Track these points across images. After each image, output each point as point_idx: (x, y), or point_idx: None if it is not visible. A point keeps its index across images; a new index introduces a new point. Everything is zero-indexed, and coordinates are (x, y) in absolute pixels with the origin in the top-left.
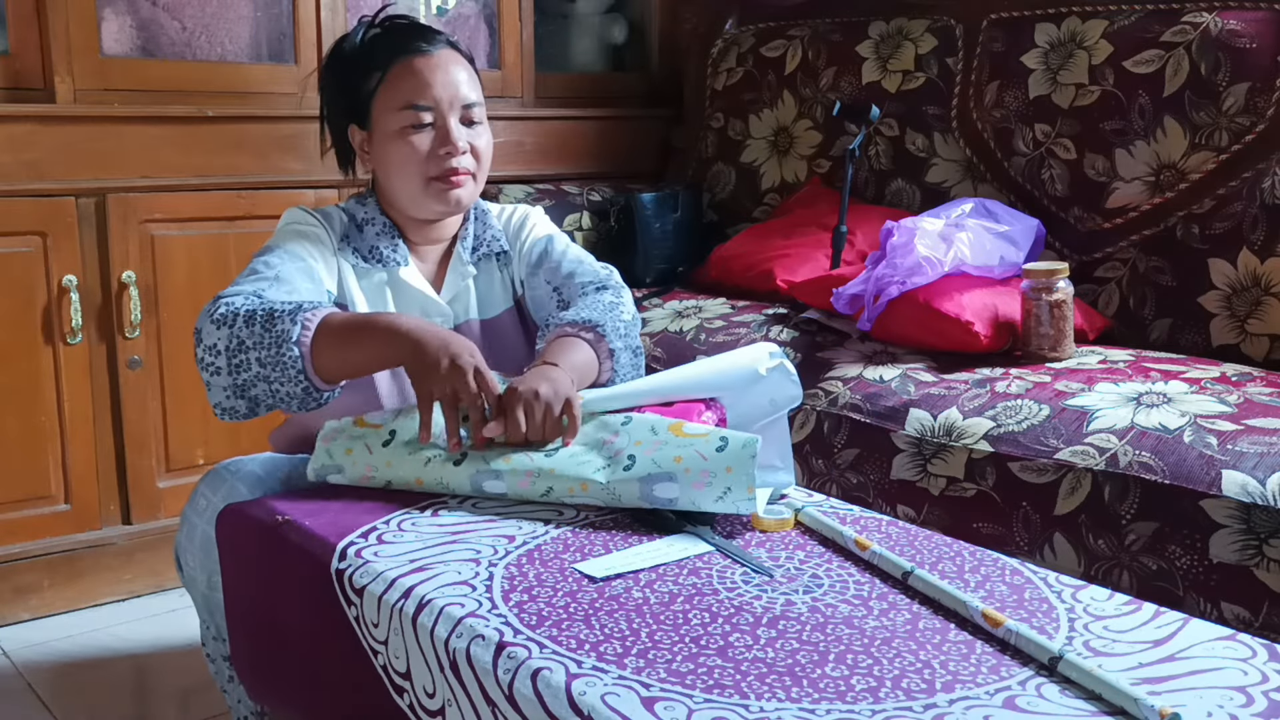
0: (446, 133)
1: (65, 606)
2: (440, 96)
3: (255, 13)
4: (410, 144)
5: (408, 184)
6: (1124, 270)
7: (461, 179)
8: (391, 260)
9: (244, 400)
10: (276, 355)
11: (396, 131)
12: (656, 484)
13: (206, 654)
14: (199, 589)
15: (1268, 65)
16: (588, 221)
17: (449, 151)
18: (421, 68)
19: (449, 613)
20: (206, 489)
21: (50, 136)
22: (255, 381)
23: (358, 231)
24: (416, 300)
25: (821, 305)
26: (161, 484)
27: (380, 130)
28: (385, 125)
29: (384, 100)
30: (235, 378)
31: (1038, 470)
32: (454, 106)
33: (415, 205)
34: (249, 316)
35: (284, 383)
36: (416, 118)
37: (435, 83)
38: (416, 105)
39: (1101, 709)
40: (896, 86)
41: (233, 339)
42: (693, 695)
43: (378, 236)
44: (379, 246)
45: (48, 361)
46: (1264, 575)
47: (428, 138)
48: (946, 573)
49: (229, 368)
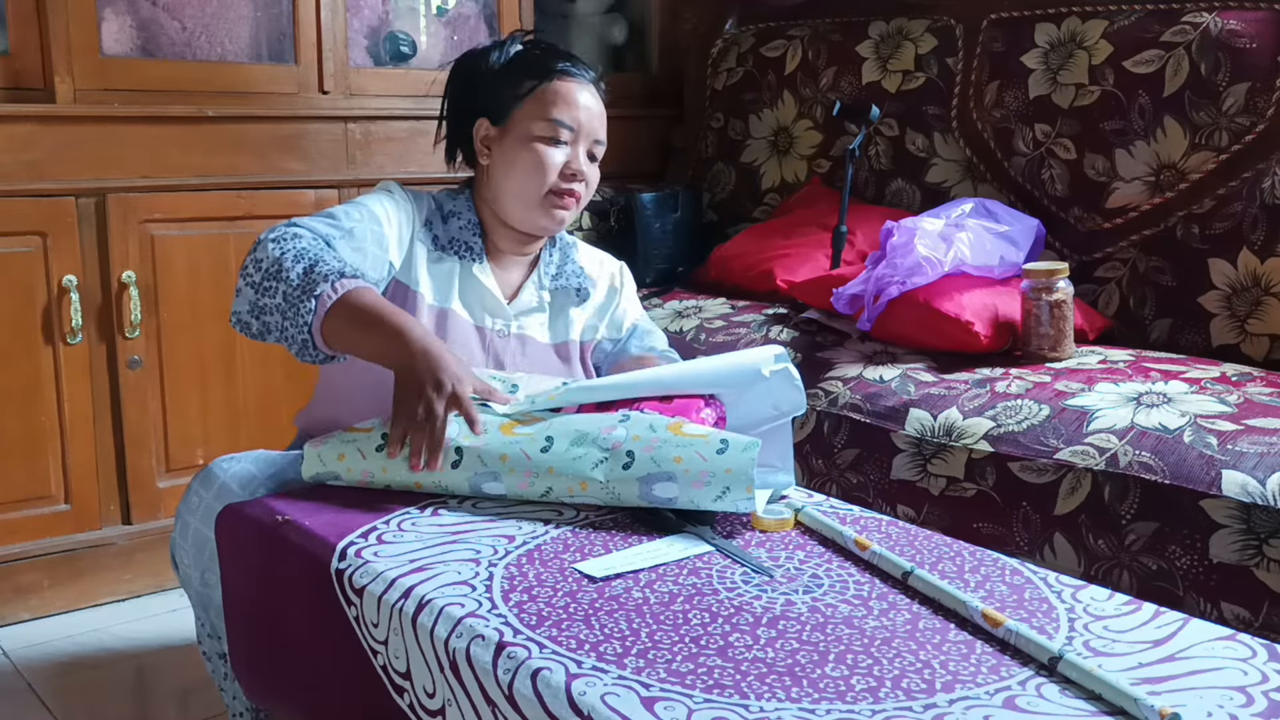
0: (576, 156)
1: (65, 606)
2: (582, 122)
3: (255, 13)
4: (543, 153)
5: (526, 189)
6: (1124, 270)
7: (570, 202)
8: (468, 254)
9: (256, 321)
10: (298, 300)
11: (534, 138)
12: (656, 483)
13: (203, 651)
14: (193, 586)
15: (1268, 65)
16: (588, 221)
17: (574, 173)
18: (576, 91)
19: (449, 613)
20: (199, 486)
21: (50, 136)
22: (272, 310)
23: (442, 221)
24: (482, 298)
25: (821, 305)
26: (161, 484)
27: (516, 132)
28: (524, 129)
29: (531, 107)
30: (259, 298)
31: (1038, 470)
32: (587, 137)
33: (521, 211)
34: (298, 254)
35: (292, 326)
36: (557, 132)
37: (582, 108)
38: (561, 122)
39: (1101, 709)
40: (896, 86)
41: (275, 265)
42: (693, 695)
43: (462, 230)
44: (460, 239)
45: (48, 361)
46: (1264, 575)
47: (561, 154)
48: (946, 573)
49: (259, 287)
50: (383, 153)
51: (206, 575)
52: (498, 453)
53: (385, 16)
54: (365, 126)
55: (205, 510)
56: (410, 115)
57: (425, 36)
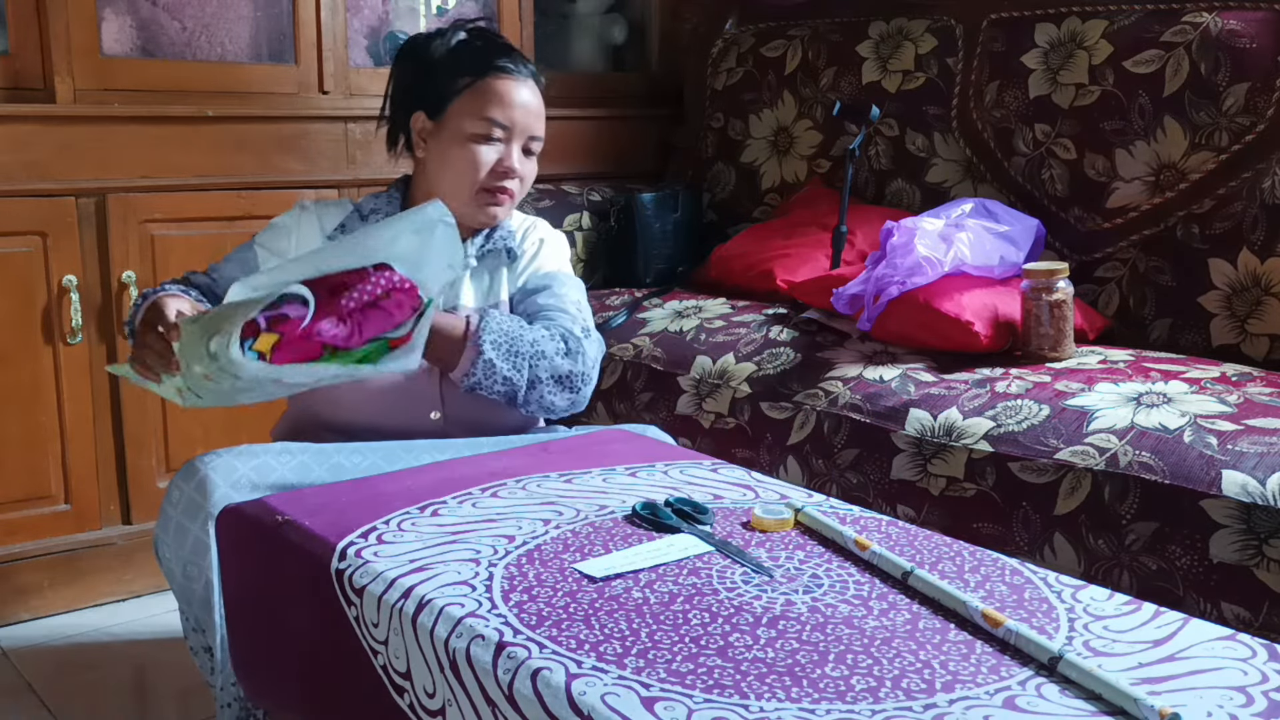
0: (509, 154)
1: (65, 606)
2: (517, 120)
3: (255, 13)
4: (476, 152)
5: (459, 186)
6: (1124, 270)
7: (505, 198)
8: None
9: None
10: (129, 321)
11: (467, 135)
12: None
13: (189, 646)
14: (176, 580)
15: (1268, 65)
16: (588, 221)
17: (505, 171)
18: (511, 89)
19: (449, 613)
20: (181, 480)
21: (50, 136)
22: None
23: (360, 220)
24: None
25: (821, 305)
26: (161, 484)
27: (451, 128)
28: (458, 126)
29: (466, 104)
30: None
31: (1038, 470)
32: (522, 134)
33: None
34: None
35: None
36: (490, 130)
37: (517, 107)
38: (494, 120)
39: (1101, 709)
40: (896, 86)
41: (133, 306)
42: (692, 695)
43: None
44: None
45: (48, 361)
46: (1264, 575)
47: (494, 152)
48: (946, 573)
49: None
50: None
51: (188, 569)
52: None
53: (385, 16)
54: (365, 126)
55: (187, 504)
56: None
57: None
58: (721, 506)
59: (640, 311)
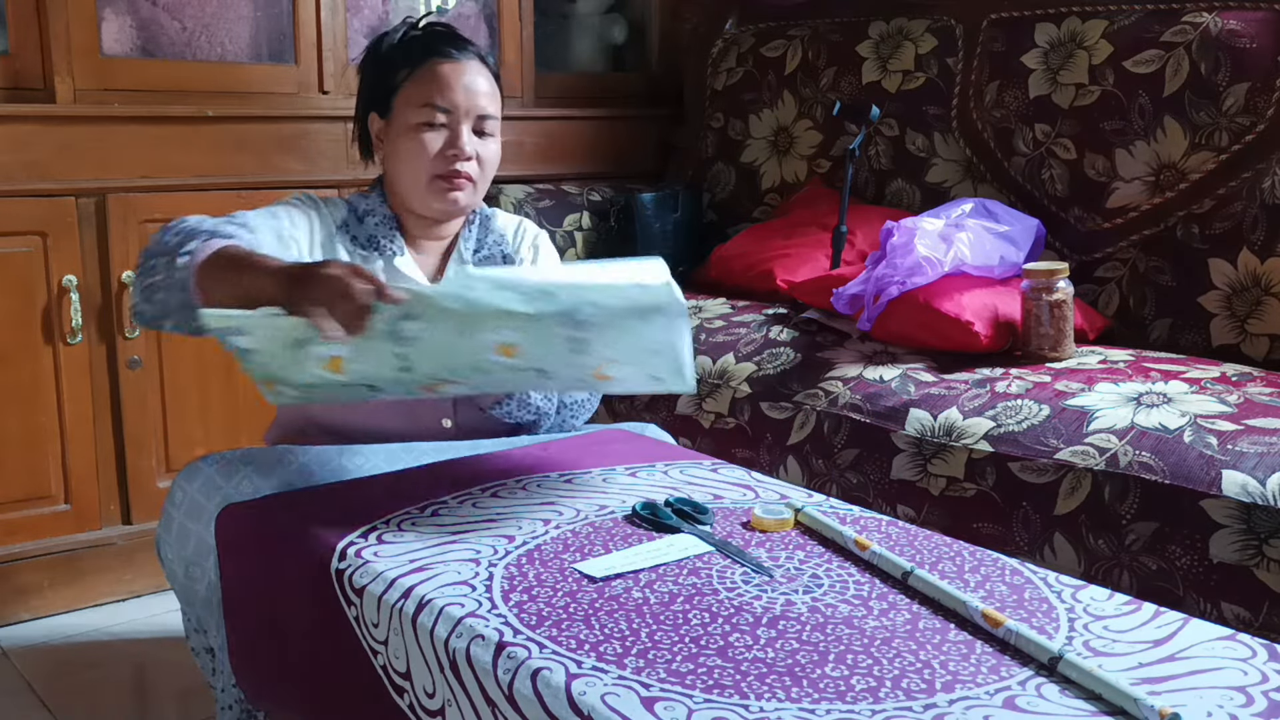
0: (456, 136)
1: (65, 606)
2: (458, 102)
3: (255, 13)
4: (421, 140)
5: (412, 177)
6: (1124, 270)
7: (462, 183)
8: (388, 250)
9: (149, 305)
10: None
11: (412, 126)
12: (579, 309)
13: (190, 647)
14: (178, 580)
15: (1268, 65)
16: (588, 221)
17: (455, 154)
18: (447, 72)
19: (449, 613)
20: (183, 480)
21: (50, 136)
22: (157, 287)
23: (357, 221)
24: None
25: (821, 305)
26: (161, 484)
27: (398, 122)
28: (403, 118)
29: (407, 95)
30: (145, 279)
31: (1038, 470)
32: (469, 115)
33: (416, 199)
34: (176, 232)
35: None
36: (432, 116)
37: (456, 88)
38: (435, 105)
39: (1101, 709)
40: (896, 86)
41: (157, 246)
42: (693, 695)
43: (377, 226)
44: (377, 236)
45: (48, 361)
46: (1264, 575)
47: (439, 138)
48: (946, 573)
49: (144, 269)
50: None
51: (191, 569)
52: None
53: (385, 16)
54: None
55: (189, 504)
56: None
57: None
58: (721, 506)
59: None
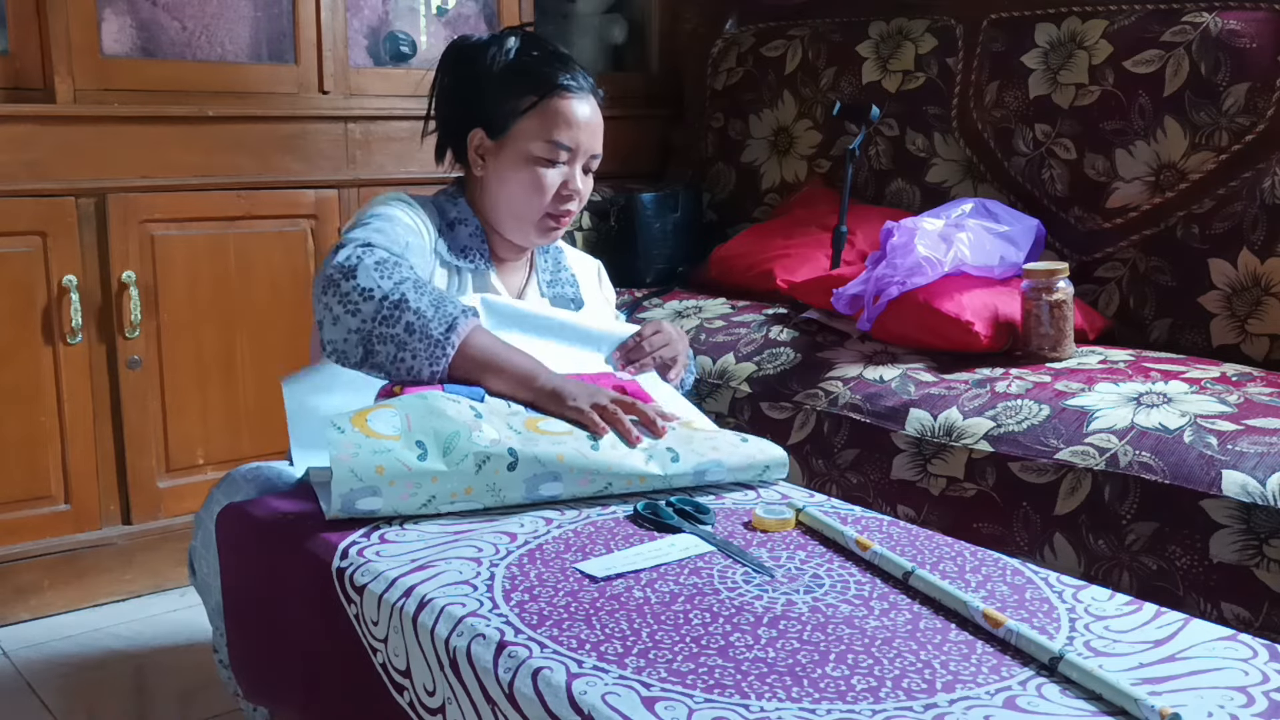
0: (573, 178)
1: (65, 606)
2: (581, 143)
3: (255, 13)
4: (540, 175)
5: (522, 209)
6: (1124, 270)
7: (565, 221)
8: (480, 261)
9: (363, 349)
10: (432, 335)
11: (531, 158)
12: (709, 471)
13: (219, 660)
14: (212, 595)
15: (1268, 65)
16: (588, 221)
17: (569, 195)
18: (577, 110)
19: (449, 612)
20: (220, 494)
21: (50, 136)
22: (388, 340)
23: (449, 228)
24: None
25: (821, 305)
26: (161, 484)
27: (514, 149)
28: (522, 147)
29: (531, 124)
30: (373, 328)
31: (1038, 470)
32: (585, 154)
33: (515, 228)
34: (417, 285)
35: (421, 361)
36: (556, 154)
37: (583, 129)
38: (560, 144)
39: (1102, 709)
40: (896, 86)
41: (392, 297)
42: (693, 695)
43: (470, 237)
44: (470, 246)
45: (48, 361)
46: (1264, 575)
47: (557, 175)
48: (947, 573)
49: (374, 319)
50: (383, 153)
51: None
52: (553, 453)
53: (385, 16)
54: (365, 126)
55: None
56: (410, 115)
57: (425, 36)
58: (723, 507)
59: (640, 311)
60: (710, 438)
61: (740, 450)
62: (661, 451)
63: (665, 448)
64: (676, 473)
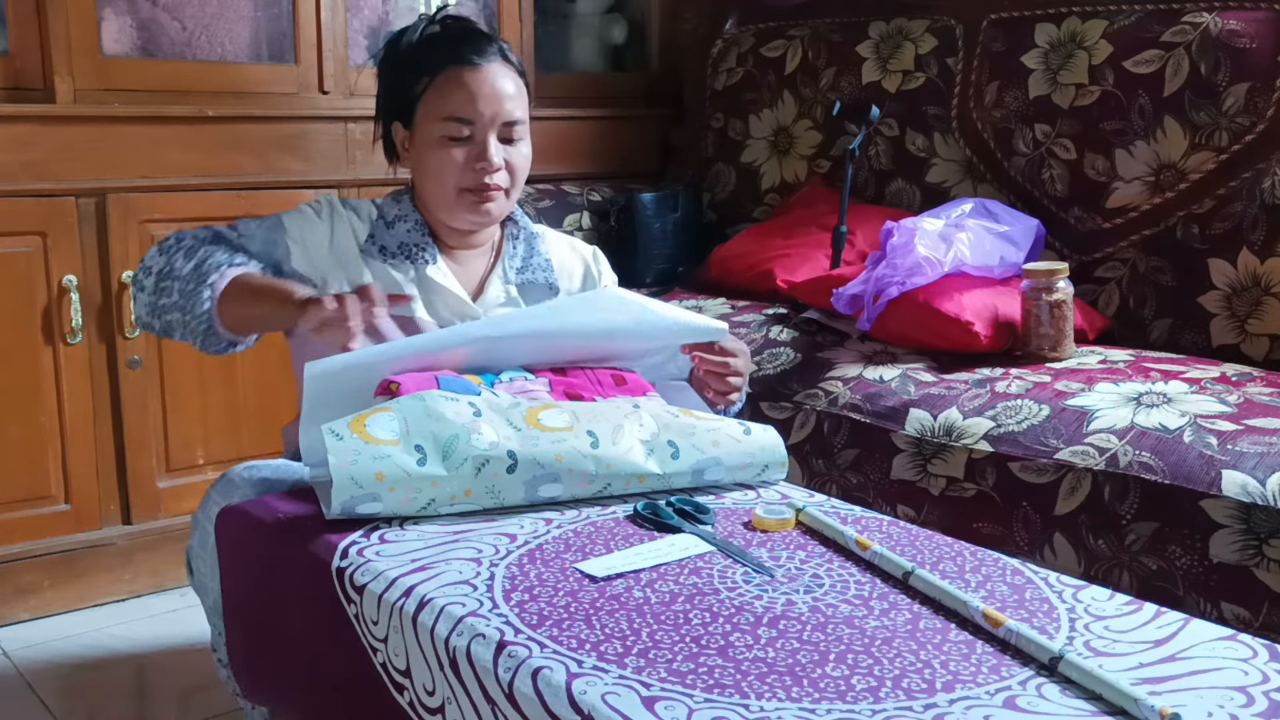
0: (484, 149)
1: (65, 606)
2: (483, 112)
3: (255, 13)
4: (448, 154)
5: (440, 191)
6: (1124, 270)
7: (492, 194)
8: (420, 258)
9: (158, 320)
10: (192, 294)
11: (436, 140)
12: (707, 470)
13: (218, 659)
14: (210, 595)
15: (1268, 65)
16: (588, 221)
17: (483, 168)
18: (469, 80)
19: (449, 612)
20: (217, 495)
21: (50, 136)
22: (170, 309)
23: (386, 229)
24: (445, 299)
25: (821, 305)
26: (161, 484)
27: (421, 135)
28: (426, 131)
29: (428, 106)
30: (156, 299)
31: (1038, 470)
32: (495, 123)
33: (446, 212)
34: (189, 251)
35: (192, 319)
36: (457, 130)
37: (480, 97)
38: (458, 118)
39: (1102, 709)
40: (896, 86)
41: (166, 267)
42: (693, 695)
43: (409, 233)
44: (408, 243)
45: (48, 361)
46: (1264, 575)
47: (465, 151)
48: (947, 573)
49: (154, 289)
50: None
51: None
52: (553, 453)
53: (385, 16)
54: (365, 126)
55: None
56: None
57: None
58: (723, 506)
59: None
60: (712, 430)
61: (741, 446)
62: (662, 445)
63: (666, 441)
64: (675, 471)
